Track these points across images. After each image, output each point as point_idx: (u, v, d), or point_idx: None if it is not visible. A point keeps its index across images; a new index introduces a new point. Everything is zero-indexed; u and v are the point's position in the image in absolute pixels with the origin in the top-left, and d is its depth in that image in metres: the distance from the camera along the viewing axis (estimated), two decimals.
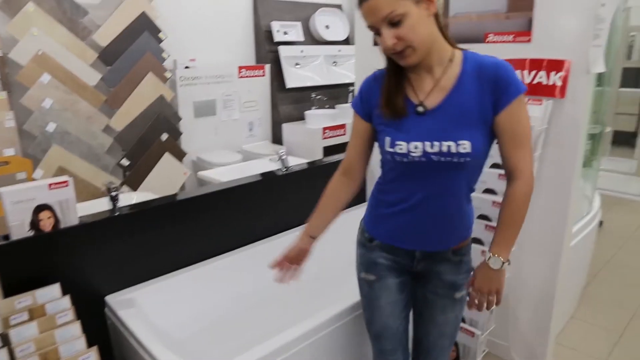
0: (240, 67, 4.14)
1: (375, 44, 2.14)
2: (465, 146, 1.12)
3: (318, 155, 4.14)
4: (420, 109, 1.17)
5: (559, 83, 1.62)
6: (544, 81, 1.65)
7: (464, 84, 1.14)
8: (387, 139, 1.19)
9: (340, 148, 4.42)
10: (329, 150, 4.21)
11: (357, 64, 2.41)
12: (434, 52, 1.14)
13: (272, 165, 2.26)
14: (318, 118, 4.28)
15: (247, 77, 4.20)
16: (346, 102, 4.86)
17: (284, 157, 2.18)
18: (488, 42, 1.85)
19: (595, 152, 2.92)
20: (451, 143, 1.12)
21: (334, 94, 4.78)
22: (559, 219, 1.80)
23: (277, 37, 4.30)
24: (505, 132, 1.16)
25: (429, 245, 1.30)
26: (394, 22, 1.06)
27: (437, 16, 1.13)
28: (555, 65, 1.64)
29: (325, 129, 4.13)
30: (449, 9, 1.97)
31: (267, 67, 4.31)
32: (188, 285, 1.83)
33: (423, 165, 1.17)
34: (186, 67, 3.85)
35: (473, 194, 1.31)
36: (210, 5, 3.99)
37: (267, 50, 4.31)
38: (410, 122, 1.17)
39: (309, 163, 2.30)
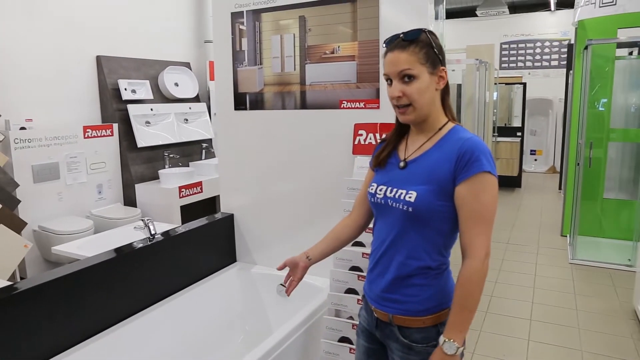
0: (86, 127, 3.90)
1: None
2: (412, 196, 1.20)
3: (176, 215, 4.04)
4: (401, 164, 1.30)
5: None
6: None
7: (437, 149, 1.24)
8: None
9: (199, 206, 4.38)
10: (186, 210, 4.15)
11: (220, 128, 2.50)
12: (430, 118, 1.27)
13: (137, 234, 2.17)
14: (173, 177, 4.21)
15: (93, 137, 3.96)
16: (200, 159, 4.86)
17: (149, 224, 2.12)
18: (343, 108, 2.12)
19: None
20: (403, 191, 1.23)
21: (187, 151, 4.76)
22: None
23: (125, 96, 4.18)
24: (461, 206, 1.19)
25: (375, 299, 1.32)
26: (406, 79, 1.21)
27: (445, 92, 1.28)
28: None
29: (181, 187, 4.08)
30: (305, 79, 2.20)
31: (115, 126, 4.14)
32: None
33: (382, 208, 1.29)
34: (22, 128, 3.50)
35: (346, 248, 1.40)
36: (48, 61, 3.73)
37: (114, 108, 4.14)
38: (391, 172, 1.31)
39: (177, 229, 2.25)
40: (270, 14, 2.24)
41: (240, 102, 2.40)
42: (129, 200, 4.25)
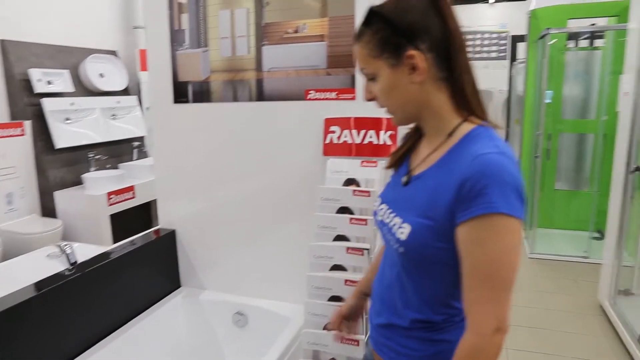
0: None
1: None
2: (404, 231, 0.87)
3: (105, 226, 3.52)
4: (404, 179, 0.96)
5: (389, 142, 1.61)
6: (375, 140, 1.63)
7: (445, 164, 0.87)
8: None
9: (131, 213, 3.86)
10: (117, 218, 3.62)
11: (156, 125, 2.06)
12: (426, 120, 0.92)
13: (51, 264, 1.70)
14: (100, 182, 3.67)
15: None
16: (131, 160, 4.32)
17: (68, 252, 1.67)
18: (310, 99, 1.76)
19: None
20: (398, 220, 0.90)
21: (116, 151, 4.20)
22: None
23: (39, 88, 3.56)
24: (462, 255, 0.83)
25: (376, 340, 1.04)
26: (370, 78, 0.91)
27: (454, 80, 0.87)
28: (379, 123, 1.63)
29: (110, 194, 3.55)
30: (262, 63, 1.82)
31: (27, 124, 3.52)
32: None
33: (382, 233, 0.99)
34: None
35: (324, 274, 1.09)
36: None
37: (25, 103, 3.53)
38: (398, 183, 0.98)
39: (105, 254, 1.79)
40: None
41: (180, 93, 1.97)
42: (48, 210, 3.65)
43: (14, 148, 3.44)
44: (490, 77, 8.60)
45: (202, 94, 1.93)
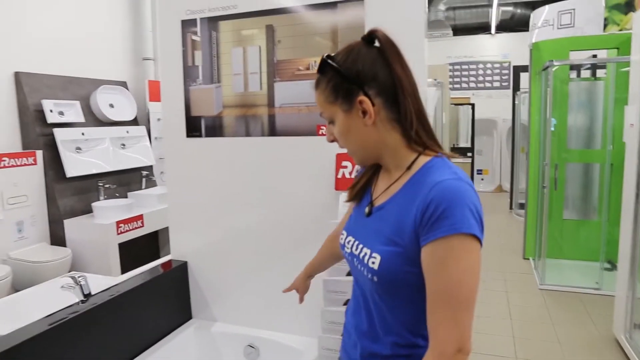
0: (2, 155, 3.33)
1: None
2: (375, 261, 0.90)
3: (113, 254, 3.53)
4: (366, 209, 1.00)
5: None
6: None
7: (405, 195, 0.92)
8: None
9: (139, 242, 3.87)
10: (126, 247, 3.63)
11: (169, 159, 2.09)
12: (385, 157, 0.97)
13: (65, 295, 1.71)
14: (109, 210, 3.69)
15: (11, 166, 3.39)
16: (140, 189, 4.36)
17: (82, 283, 1.67)
18: (321, 134, 1.79)
19: None
20: (367, 251, 0.93)
21: (125, 180, 4.24)
22: None
23: (51, 118, 3.63)
24: (425, 276, 0.86)
25: None
26: (329, 121, 0.98)
27: (404, 120, 0.92)
28: None
29: (119, 222, 3.57)
30: (274, 99, 1.86)
31: (39, 153, 3.58)
32: None
33: (351, 265, 1.01)
34: None
35: (338, 308, 1.09)
36: None
37: (37, 133, 3.59)
38: (361, 215, 1.02)
39: (118, 286, 1.80)
40: (230, 23, 1.89)
41: (193, 127, 2.01)
42: (57, 238, 3.67)
43: (26, 177, 3.49)
44: (493, 106, 8.70)
45: (215, 129, 1.97)
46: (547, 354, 2.89)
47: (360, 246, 0.96)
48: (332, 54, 0.95)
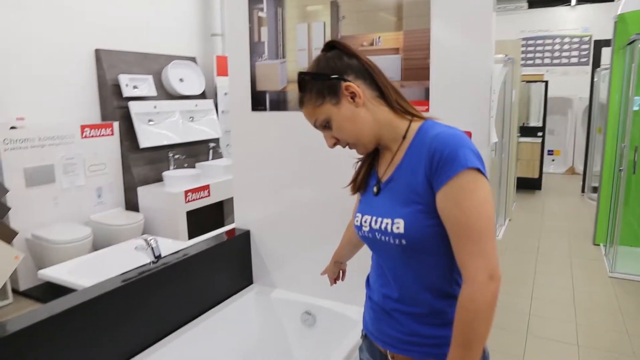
0: (84, 126, 3.60)
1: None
2: (399, 225, 0.98)
3: (181, 222, 3.74)
4: (375, 189, 1.09)
5: None
6: None
7: (408, 159, 1.02)
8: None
9: (206, 211, 4.07)
10: (193, 215, 3.84)
11: (235, 132, 2.17)
12: (383, 133, 1.06)
13: (138, 255, 1.85)
14: (178, 180, 3.90)
15: (92, 137, 3.65)
16: (207, 160, 4.55)
17: (153, 245, 1.80)
18: None
19: None
20: (388, 220, 1.00)
21: (193, 151, 4.45)
22: None
23: (127, 92, 3.86)
24: (446, 220, 0.95)
25: (392, 344, 1.09)
26: (325, 127, 1.06)
27: (382, 95, 1.04)
28: None
29: (187, 191, 3.77)
30: None
31: (116, 124, 3.82)
32: None
33: (372, 242, 1.08)
34: (12, 128, 3.19)
35: None
36: (41, 54, 3.42)
37: (114, 106, 3.83)
38: (370, 195, 1.10)
39: (186, 250, 1.92)
40: None
41: (258, 101, 2.07)
42: (131, 204, 3.94)
43: (104, 147, 3.75)
44: (569, 83, 8.17)
45: (279, 103, 2.02)
46: (614, 344, 2.77)
47: (380, 219, 1.03)
48: (303, 71, 1.06)
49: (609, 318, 3.09)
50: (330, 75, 1.01)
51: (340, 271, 1.50)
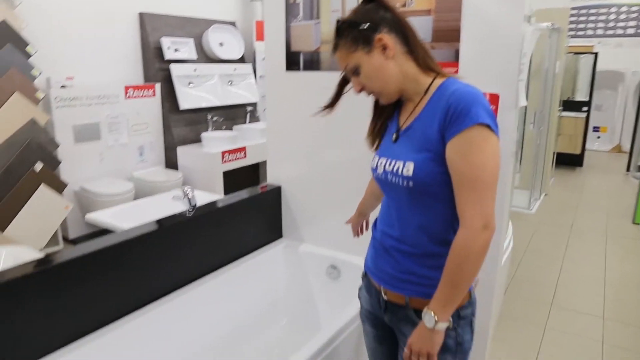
0: (127, 87, 3.75)
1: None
2: (409, 168, 1.07)
3: (218, 181, 3.88)
4: (394, 136, 1.17)
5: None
6: None
7: (427, 111, 1.09)
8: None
9: (241, 172, 4.20)
10: (229, 175, 3.98)
11: (270, 91, 2.24)
12: (408, 87, 1.13)
13: (175, 205, 1.97)
14: (216, 141, 4.03)
15: (135, 97, 3.81)
16: (244, 123, 4.66)
17: (190, 196, 1.92)
18: None
19: None
20: (400, 163, 1.09)
21: (230, 114, 4.56)
22: (494, 245, 1.80)
23: (168, 55, 3.98)
24: (452, 170, 1.03)
25: (386, 280, 1.18)
26: (355, 72, 1.12)
27: (410, 51, 1.10)
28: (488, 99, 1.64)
29: (224, 152, 3.89)
30: None
31: (158, 86, 3.96)
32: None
33: (384, 183, 1.17)
34: (62, 87, 3.38)
35: None
36: (89, 17, 3.56)
37: (156, 68, 3.96)
38: (389, 142, 1.19)
39: (220, 201, 2.03)
40: None
41: (292, 61, 2.13)
42: (171, 163, 4.12)
43: (147, 107, 3.91)
44: (623, 56, 7.76)
45: (312, 63, 2.07)
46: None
47: (393, 162, 1.12)
48: (342, 18, 1.12)
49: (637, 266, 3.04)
50: (366, 26, 1.07)
51: (364, 222, 1.58)
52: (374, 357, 1.37)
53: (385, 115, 1.23)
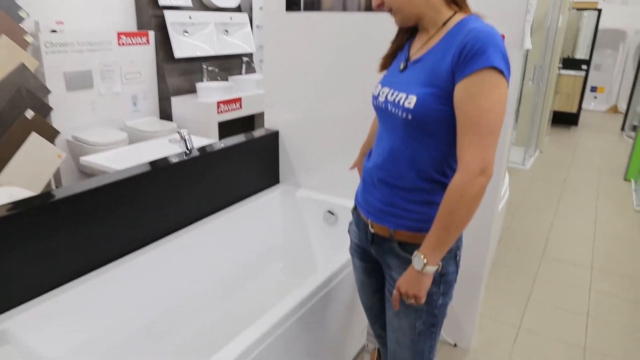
0: (120, 34, 3.64)
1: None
2: (411, 101, 1.04)
3: (213, 131, 3.84)
4: (402, 65, 1.14)
5: None
6: None
7: (442, 46, 1.05)
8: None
9: (237, 123, 4.16)
10: (224, 126, 3.93)
11: (269, 33, 2.18)
12: (425, 15, 1.09)
13: (171, 147, 1.95)
14: (211, 91, 3.96)
15: (128, 44, 3.70)
16: (240, 74, 4.58)
17: (186, 138, 1.90)
18: None
19: None
20: (403, 95, 1.07)
21: (226, 65, 4.47)
22: (491, 193, 1.81)
23: (162, 1, 3.84)
24: (458, 111, 1.00)
25: (373, 213, 1.18)
26: None
27: None
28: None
29: (219, 102, 3.84)
30: None
31: (151, 34, 3.85)
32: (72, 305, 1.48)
33: (382, 112, 1.15)
34: (53, 31, 3.26)
35: None
36: None
37: (150, 15, 3.84)
38: (396, 71, 1.16)
39: (217, 144, 2.01)
40: None
41: (293, 2, 2.06)
42: (165, 113, 4.06)
43: (140, 55, 3.81)
44: (627, 14, 7.61)
45: (313, 3, 2.01)
46: (630, 269, 2.82)
47: (396, 92, 1.10)
48: None
49: (628, 246, 3.12)
50: None
51: None
52: (362, 289, 1.41)
53: (402, 42, 1.20)
